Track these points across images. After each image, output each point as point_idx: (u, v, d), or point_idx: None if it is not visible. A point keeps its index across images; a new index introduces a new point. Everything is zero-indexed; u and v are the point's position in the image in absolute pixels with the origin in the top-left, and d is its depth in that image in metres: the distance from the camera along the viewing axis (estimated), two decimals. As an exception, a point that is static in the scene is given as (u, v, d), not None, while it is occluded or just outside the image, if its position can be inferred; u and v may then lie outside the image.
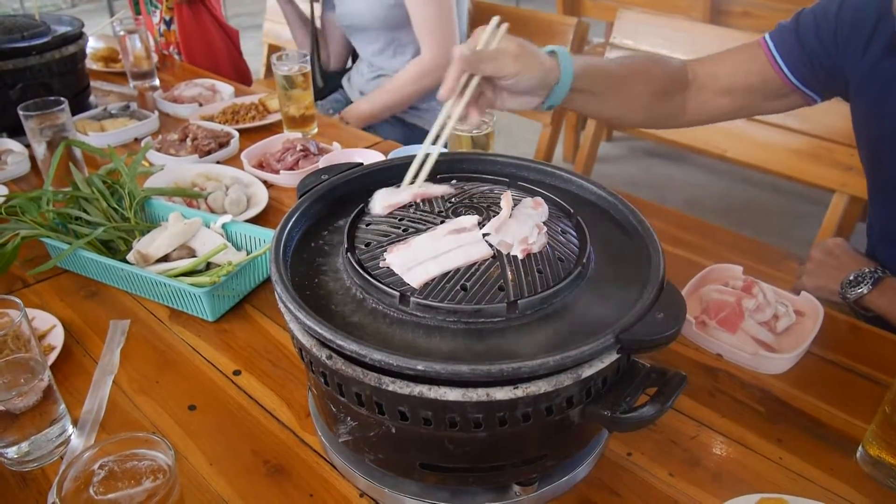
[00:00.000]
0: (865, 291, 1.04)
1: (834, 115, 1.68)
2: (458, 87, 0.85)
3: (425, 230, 0.71)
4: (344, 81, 2.26)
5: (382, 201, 0.78)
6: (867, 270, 1.05)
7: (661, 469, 0.78)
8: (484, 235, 0.69)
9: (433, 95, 2.05)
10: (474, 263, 0.67)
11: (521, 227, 0.70)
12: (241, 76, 2.57)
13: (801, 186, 2.95)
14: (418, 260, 0.67)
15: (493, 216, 0.73)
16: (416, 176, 0.81)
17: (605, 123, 1.16)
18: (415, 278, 0.66)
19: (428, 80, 1.93)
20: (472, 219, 0.71)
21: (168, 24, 2.44)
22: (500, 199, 0.76)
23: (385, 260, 0.69)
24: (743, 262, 1.07)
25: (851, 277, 1.06)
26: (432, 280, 0.66)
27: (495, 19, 0.89)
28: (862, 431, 0.80)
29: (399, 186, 0.80)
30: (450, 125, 0.84)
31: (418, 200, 0.78)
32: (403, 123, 2.06)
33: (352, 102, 2.17)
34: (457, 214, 0.74)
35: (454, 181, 0.83)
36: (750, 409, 0.86)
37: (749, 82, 1.11)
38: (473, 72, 0.85)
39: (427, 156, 0.82)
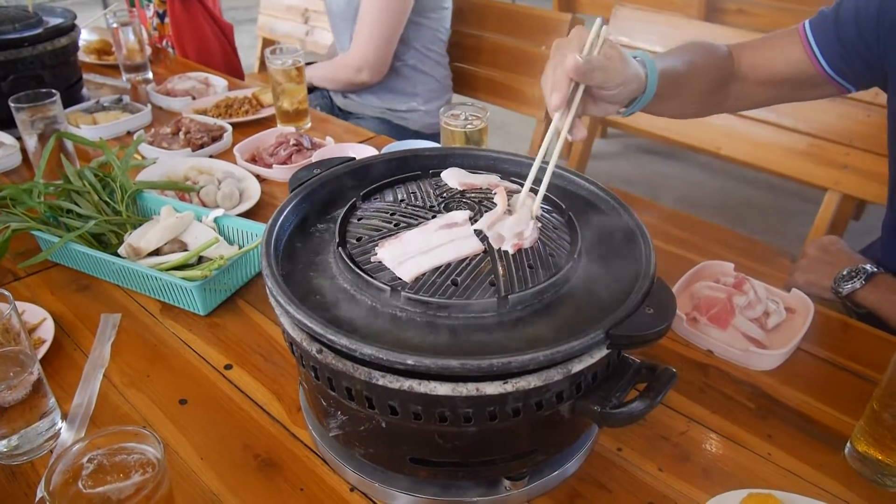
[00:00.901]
0: (858, 286, 1.04)
1: (829, 113, 1.68)
2: (568, 96, 0.77)
3: (417, 225, 0.71)
4: None
5: (456, 177, 0.79)
6: (861, 266, 1.06)
7: (651, 464, 0.78)
8: (476, 230, 0.69)
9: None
10: (465, 258, 0.67)
11: (513, 222, 0.70)
12: (232, 72, 2.56)
13: (795, 184, 2.96)
14: (409, 254, 0.67)
15: (486, 211, 0.73)
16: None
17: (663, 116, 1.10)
18: (406, 272, 0.66)
19: (341, 74, 2.00)
20: (464, 214, 0.71)
21: (162, 17, 2.43)
22: (491, 194, 0.76)
23: (376, 254, 0.69)
24: (735, 259, 1.07)
25: (845, 272, 1.06)
26: (423, 275, 0.66)
27: (599, 21, 0.82)
28: (850, 428, 0.80)
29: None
30: (561, 139, 0.77)
31: (423, 193, 0.77)
32: (390, 125, 2.07)
33: (332, 99, 2.19)
34: (448, 209, 0.74)
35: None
36: (740, 406, 0.86)
37: (787, 72, 1.08)
38: (583, 81, 0.78)
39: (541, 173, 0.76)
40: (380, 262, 0.68)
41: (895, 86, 1.04)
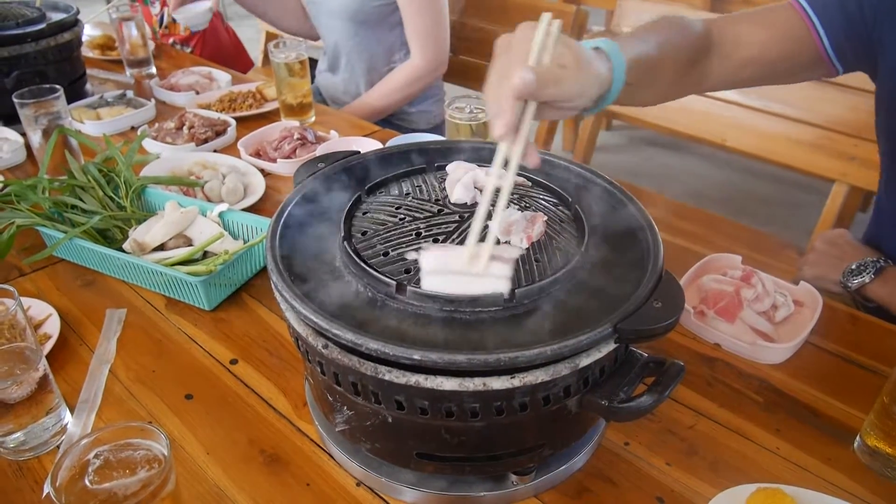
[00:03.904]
0: (867, 280, 1.03)
1: (836, 104, 1.67)
2: (517, 120, 0.65)
3: (422, 218, 0.71)
4: (318, 73, 2.20)
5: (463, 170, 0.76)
6: (870, 260, 1.05)
7: (659, 458, 0.78)
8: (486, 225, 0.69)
9: (421, 98, 2.03)
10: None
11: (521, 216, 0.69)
12: (244, 66, 2.59)
13: (800, 176, 2.93)
14: (446, 271, 0.63)
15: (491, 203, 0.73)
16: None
17: (636, 106, 1.02)
18: (429, 284, 0.63)
19: (417, 87, 1.93)
20: (514, 252, 0.66)
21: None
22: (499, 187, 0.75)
23: (416, 254, 0.66)
24: (742, 251, 1.07)
25: (854, 266, 1.05)
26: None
27: (546, 17, 0.69)
28: (859, 422, 0.80)
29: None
30: (511, 173, 0.65)
31: (417, 188, 0.77)
32: (391, 125, 2.05)
33: (321, 94, 2.16)
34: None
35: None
36: (748, 399, 0.86)
37: (781, 53, 1.00)
38: (534, 99, 0.66)
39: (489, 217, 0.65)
40: (414, 261, 0.66)
41: (885, 73, 1.01)
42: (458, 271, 0.63)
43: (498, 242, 0.68)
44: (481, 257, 0.63)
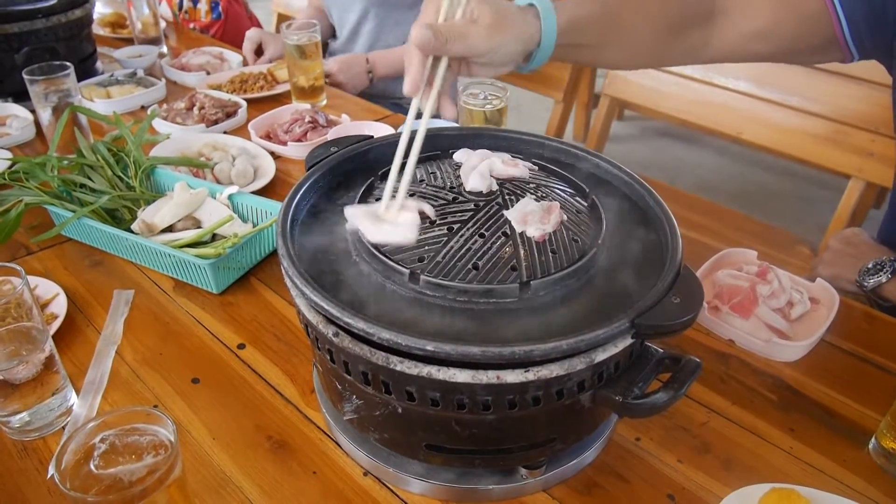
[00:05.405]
0: (884, 280, 1.01)
1: (854, 98, 1.64)
2: (425, 76, 0.70)
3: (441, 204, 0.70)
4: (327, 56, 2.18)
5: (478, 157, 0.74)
6: (887, 259, 1.03)
7: (670, 455, 0.77)
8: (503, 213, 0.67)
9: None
10: (487, 241, 0.65)
11: (539, 205, 0.68)
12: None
13: (813, 171, 2.90)
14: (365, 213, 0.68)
15: (507, 192, 0.71)
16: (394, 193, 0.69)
17: (611, 68, 1.00)
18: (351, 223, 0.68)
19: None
20: (423, 205, 0.69)
21: (195, 1, 2.38)
22: (515, 176, 0.74)
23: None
24: (753, 246, 1.05)
25: (870, 265, 1.03)
26: (443, 258, 0.64)
27: None
28: (875, 423, 0.79)
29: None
30: (423, 125, 0.69)
31: (428, 174, 0.76)
32: (401, 110, 2.02)
33: None
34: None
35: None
36: (761, 397, 0.84)
37: (796, 31, 0.95)
38: (438, 53, 0.69)
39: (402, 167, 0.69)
40: (428, 250, 0.66)
41: None
42: (374, 215, 0.67)
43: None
44: (393, 208, 0.67)
